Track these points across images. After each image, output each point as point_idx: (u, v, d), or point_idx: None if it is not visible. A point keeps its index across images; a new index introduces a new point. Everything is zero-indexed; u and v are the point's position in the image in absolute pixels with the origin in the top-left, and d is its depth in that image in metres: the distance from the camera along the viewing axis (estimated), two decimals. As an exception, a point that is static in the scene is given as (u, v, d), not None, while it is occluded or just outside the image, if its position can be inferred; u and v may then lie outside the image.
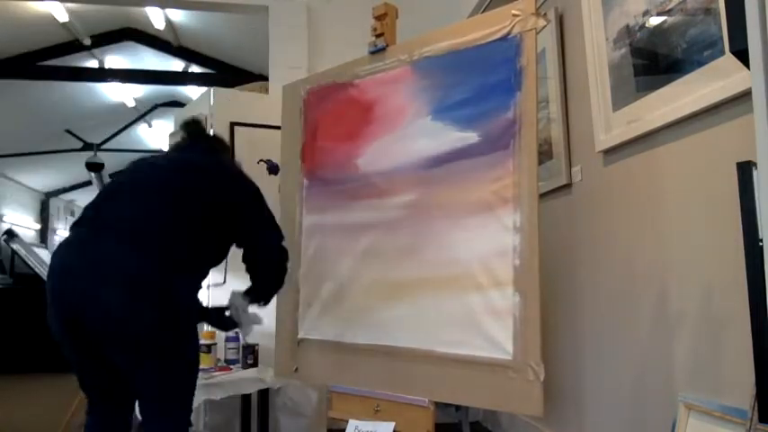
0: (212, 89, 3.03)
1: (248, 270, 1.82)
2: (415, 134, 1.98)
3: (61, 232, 10.46)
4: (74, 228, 1.69)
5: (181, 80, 7.14)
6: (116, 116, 8.01)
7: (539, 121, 1.79)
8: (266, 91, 3.46)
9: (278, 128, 2.45)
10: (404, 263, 1.95)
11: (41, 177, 9.32)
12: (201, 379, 2.36)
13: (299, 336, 2.22)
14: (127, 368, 1.57)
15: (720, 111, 1.48)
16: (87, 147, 8.29)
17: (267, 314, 2.37)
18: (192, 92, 7.33)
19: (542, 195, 2.21)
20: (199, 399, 2.30)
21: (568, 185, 2.32)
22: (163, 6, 5.32)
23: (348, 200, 2.12)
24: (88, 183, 9.47)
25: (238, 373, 2.49)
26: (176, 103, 7.87)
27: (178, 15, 5.81)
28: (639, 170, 1.86)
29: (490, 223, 1.77)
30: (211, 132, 2.96)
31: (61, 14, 5.39)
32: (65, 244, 1.63)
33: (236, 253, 1.81)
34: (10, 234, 7.16)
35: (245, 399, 2.68)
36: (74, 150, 8.28)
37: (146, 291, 1.52)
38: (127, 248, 1.55)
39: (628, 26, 1.85)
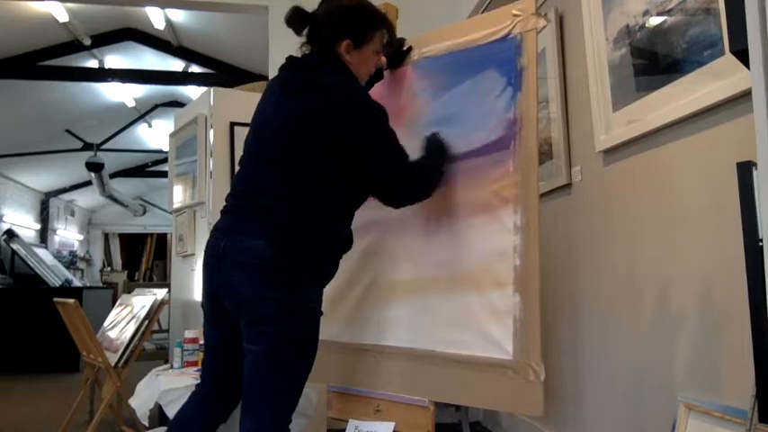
0: (212, 89, 3.03)
1: None
2: (414, 134, 1.97)
3: (61, 232, 10.46)
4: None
5: (181, 80, 7.13)
6: (116, 116, 8.00)
7: (539, 121, 1.79)
8: (266, 91, 3.46)
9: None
10: (404, 263, 1.95)
11: (41, 177, 9.31)
12: (201, 379, 2.35)
13: (299, 336, 2.21)
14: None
15: (720, 111, 1.48)
16: (87, 147, 8.29)
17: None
18: (192, 92, 7.33)
19: (542, 195, 2.21)
20: (199, 399, 2.30)
21: (568, 185, 2.32)
22: (163, 6, 5.32)
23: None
24: (88, 183, 9.46)
25: (238, 373, 2.48)
26: (176, 103, 7.86)
27: (178, 15, 5.81)
28: (639, 170, 1.86)
29: (490, 223, 1.77)
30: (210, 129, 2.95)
31: (61, 14, 5.39)
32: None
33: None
34: (10, 234, 7.18)
35: (246, 399, 2.68)
36: (74, 150, 8.28)
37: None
38: None
39: (628, 26, 1.85)
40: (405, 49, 2.03)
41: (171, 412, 2.25)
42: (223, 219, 1.60)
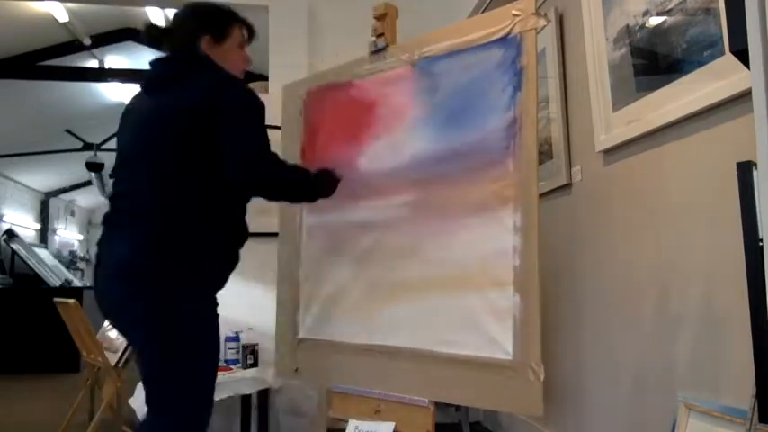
0: (212, 89, 3.02)
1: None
2: (415, 134, 1.98)
3: (61, 232, 10.45)
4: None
5: (181, 80, 7.13)
6: (116, 116, 7.89)
7: (539, 121, 1.79)
8: (266, 91, 3.45)
9: (278, 128, 2.45)
10: (404, 263, 1.95)
11: (41, 177, 9.31)
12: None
13: (300, 336, 2.22)
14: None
15: (720, 111, 1.48)
16: (87, 147, 8.27)
17: (267, 314, 2.38)
18: (192, 92, 7.32)
19: (542, 195, 2.21)
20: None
21: (568, 185, 2.32)
22: (163, 6, 5.31)
23: (348, 200, 2.12)
24: (88, 183, 9.46)
25: (238, 373, 2.49)
26: (176, 103, 7.85)
27: (178, 15, 5.81)
28: (639, 170, 1.86)
29: (490, 223, 1.77)
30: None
31: (61, 14, 5.38)
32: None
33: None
34: (10, 234, 7.18)
35: (245, 399, 2.68)
36: (74, 150, 8.26)
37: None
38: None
39: (628, 26, 1.85)
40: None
41: (171, 412, 2.25)
42: (102, 231, 1.58)
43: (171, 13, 6.25)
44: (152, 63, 1.65)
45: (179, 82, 1.53)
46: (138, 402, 2.42)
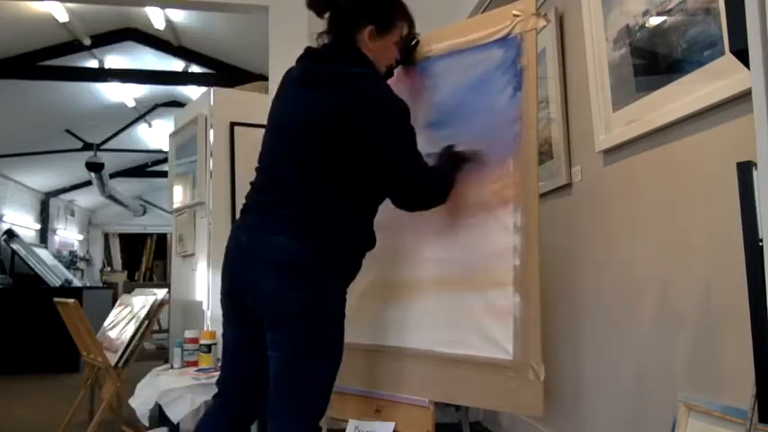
0: (212, 89, 3.03)
1: None
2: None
3: (61, 232, 10.46)
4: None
5: (181, 80, 7.14)
6: (116, 116, 8.00)
7: (539, 121, 1.79)
8: (266, 91, 3.46)
9: (278, 128, 2.45)
10: (404, 263, 1.95)
11: (41, 177, 9.32)
12: (202, 379, 2.36)
13: (299, 336, 2.21)
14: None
15: (720, 111, 1.48)
16: (87, 147, 8.28)
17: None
18: (192, 92, 7.33)
19: (542, 195, 2.21)
20: (199, 399, 2.30)
21: (568, 185, 2.32)
22: (163, 6, 5.31)
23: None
24: (88, 183, 9.47)
25: (238, 373, 2.48)
26: (176, 103, 7.86)
27: (178, 15, 5.81)
28: (639, 170, 1.86)
29: (490, 223, 1.77)
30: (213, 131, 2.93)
31: (61, 14, 5.39)
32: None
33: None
34: (10, 234, 7.18)
35: (245, 399, 2.68)
36: (74, 150, 8.28)
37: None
38: None
39: (628, 26, 1.85)
40: (413, 44, 1.98)
41: (171, 412, 2.25)
42: (244, 217, 1.56)
43: (171, 13, 6.28)
44: (308, 54, 1.59)
45: (334, 83, 1.49)
46: (138, 402, 2.42)
